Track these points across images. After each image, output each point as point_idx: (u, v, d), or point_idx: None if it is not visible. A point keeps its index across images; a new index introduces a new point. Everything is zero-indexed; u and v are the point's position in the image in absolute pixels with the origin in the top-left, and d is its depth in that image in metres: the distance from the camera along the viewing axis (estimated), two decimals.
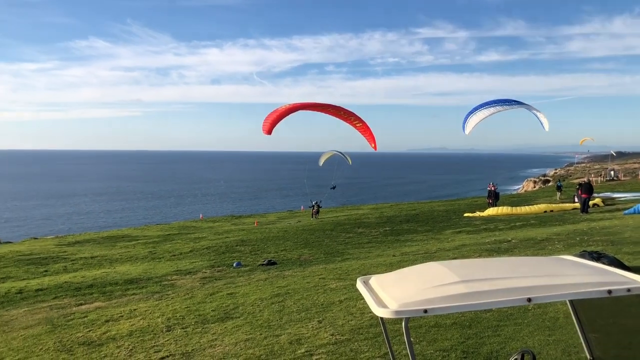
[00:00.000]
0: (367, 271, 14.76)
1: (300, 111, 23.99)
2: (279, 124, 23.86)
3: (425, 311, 3.48)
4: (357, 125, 25.07)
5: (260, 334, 9.26)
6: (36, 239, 38.98)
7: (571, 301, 4.76)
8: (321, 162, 39.19)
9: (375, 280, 4.30)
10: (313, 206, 42.48)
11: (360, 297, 11.15)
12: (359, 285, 4.34)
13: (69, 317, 12.38)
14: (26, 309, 13.96)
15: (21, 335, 11.04)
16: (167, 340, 9.50)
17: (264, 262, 19.69)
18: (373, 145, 25.17)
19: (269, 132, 23.59)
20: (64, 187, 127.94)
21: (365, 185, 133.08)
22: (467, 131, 27.92)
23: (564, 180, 68.10)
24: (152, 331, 10.22)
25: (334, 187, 41.79)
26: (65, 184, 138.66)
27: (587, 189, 31.05)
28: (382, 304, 3.68)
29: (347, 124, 25.04)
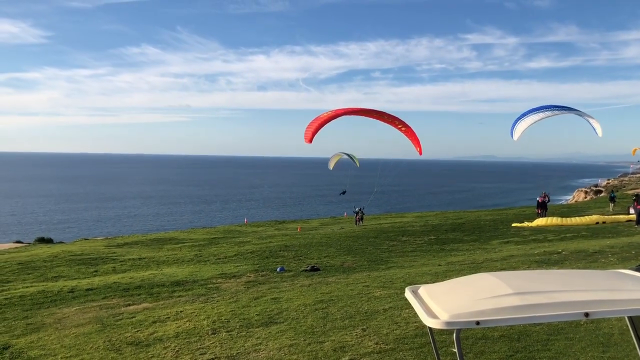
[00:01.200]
0: (412, 280, 14.59)
1: (344, 117, 23.99)
2: (322, 129, 23.93)
3: (478, 323, 3.40)
4: (402, 129, 24.84)
5: (304, 340, 9.27)
6: (87, 239, 40.33)
7: (630, 317, 4.57)
8: (331, 165, 39.03)
9: (424, 289, 4.23)
10: (357, 213, 42.36)
11: (405, 306, 11.02)
12: (408, 294, 4.28)
13: (118, 317, 12.71)
14: (77, 307, 14.41)
15: (73, 333, 11.40)
16: (213, 342, 9.62)
17: (307, 268, 19.70)
18: (418, 149, 24.86)
19: (310, 140, 23.68)
20: (114, 190, 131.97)
21: (410, 193, 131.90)
22: (515, 137, 27.32)
23: (617, 191, 65.67)
24: (197, 333, 10.38)
25: (344, 193, 41.12)
26: (115, 187, 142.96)
27: None
28: (432, 314, 3.62)
29: (392, 128, 24.86)
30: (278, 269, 19.87)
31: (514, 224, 34.32)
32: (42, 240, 39.42)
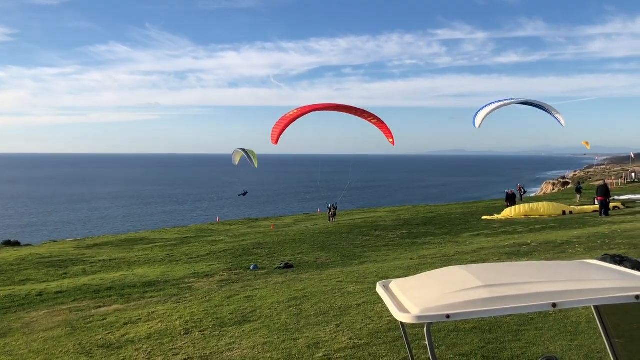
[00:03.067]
0: (385, 274, 14.68)
1: (312, 113, 23.97)
2: (292, 126, 23.85)
3: (448, 316, 3.42)
4: (372, 120, 24.93)
5: (278, 338, 9.24)
6: (55, 241, 39.50)
7: (596, 306, 4.66)
8: (236, 161, 39.17)
9: (395, 284, 4.24)
10: (330, 209, 42.42)
11: (378, 301, 11.08)
12: (379, 289, 4.29)
13: (88, 320, 12.49)
14: (46, 311, 14.11)
15: (41, 337, 11.15)
16: (185, 343, 9.52)
17: (281, 265, 19.68)
18: (391, 140, 24.99)
19: (276, 141, 23.58)
20: (83, 190, 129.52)
21: (382, 188, 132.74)
22: (477, 124, 27.71)
23: (583, 183, 67.19)
24: (170, 334, 10.26)
25: (244, 194, 40.09)
26: (84, 187, 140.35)
27: (603, 192, 30.64)
28: (403, 309, 3.63)
29: (363, 122, 24.93)
30: (251, 267, 19.79)
31: (484, 217, 34.81)
32: (9, 243, 38.41)
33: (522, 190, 39.25)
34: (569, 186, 79.97)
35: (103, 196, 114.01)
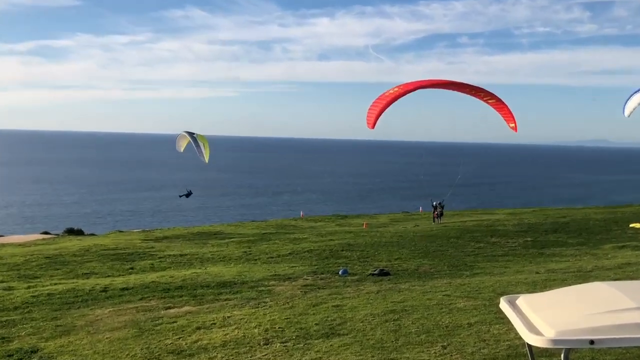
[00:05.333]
0: (504, 290, 14.33)
1: (416, 92, 23.63)
2: (392, 107, 23.65)
3: (592, 342, 3.29)
4: (491, 101, 24.20)
5: (372, 357, 9.29)
6: (122, 232, 41.83)
7: None
8: (181, 147, 36.15)
9: (524, 300, 4.13)
10: (435, 208, 41.91)
11: (495, 321, 10.84)
12: (504, 305, 4.20)
13: (157, 322, 13.17)
14: (111, 309, 15.03)
15: (107, 338, 11.91)
16: (265, 355, 9.81)
17: (375, 272, 19.76)
18: (512, 125, 24.17)
19: (373, 125, 23.44)
20: (152, 176, 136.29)
21: (501, 185, 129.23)
22: (627, 112, 26.44)
23: None
24: (248, 343, 10.60)
25: (187, 195, 37.55)
26: (154, 172, 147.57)
27: None
28: (534, 330, 3.53)
29: (479, 102, 24.25)
30: (340, 272, 20.01)
31: (632, 225, 33.06)
32: (72, 232, 41.11)
33: None
34: None
35: (174, 183, 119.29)
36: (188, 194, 33.73)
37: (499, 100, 24.19)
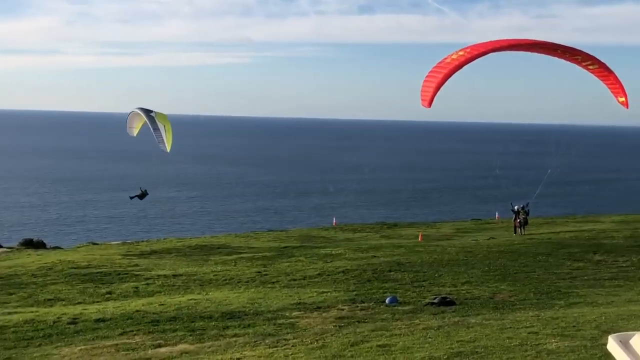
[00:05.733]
0: (613, 326, 14.13)
1: (495, 54, 23.41)
2: (456, 78, 23.45)
3: None
4: (591, 67, 23.87)
5: None
6: (96, 244, 42.30)
7: None
8: (133, 130, 34.77)
9: None
10: (516, 214, 41.57)
11: None
12: (614, 347, 4.14)
13: None
14: (82, 347, 15.14)
15: None
16: None
17: (435, 300, 19.64)
18: (622, 99, 23.79)
19: (430, 103, 23.28)
20: (135, 170, 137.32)
21: (608, 183, 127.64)
22: None
23: None
24: None
25: (140, 196, 36.43)
26: (137, 165, 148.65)
27: None
28: None
29: (576, 68, 23.95)
30: (387, 300, 19.92)
31: None
32: (30, 244, 41.64)
33: None
34: None
35: (165, 180, 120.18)
36: (142, 195, 33.35)
37: (603, 66, 23.83)
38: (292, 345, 14.01)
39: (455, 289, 22.18)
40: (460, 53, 23.49)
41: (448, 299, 19.75)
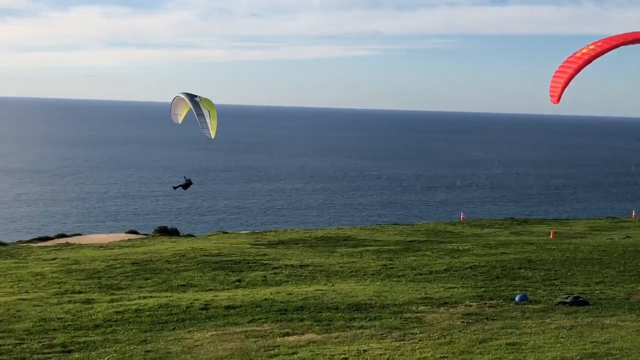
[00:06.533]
0: None
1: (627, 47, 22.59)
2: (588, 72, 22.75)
3: None
4: None
5: None
6: (226, 233, 43.25)
7: None
8: (179, 117, 32.92)
9: None
10: None
11: None
12: None
13: (271, 351, 13.53)
14: (214, 332, 15.61)
15: None
16: None
17: (567, 300, 19.17)
18: None
19: (558, 99, 22.65)
20: (265, 163, 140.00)
21: None
22: None
23: None
24: None
25: (184, 186, 34.59)
26: (265, 158, 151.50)
27: None
28: None
29: None
30: (517, 298, 19.61)
31: None
32: (165, 232, 42.93)
33: None
34: None
35: (292, 172, 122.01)
36: (186, 185, 33.45)
37: None
38: (419, 340, 14.01)
39: (588, 288, 21.58)
40: (591, 47, 22.84)
41: (581, 299, 19.25)
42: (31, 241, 39.55)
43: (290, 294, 20.66)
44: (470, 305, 18.53)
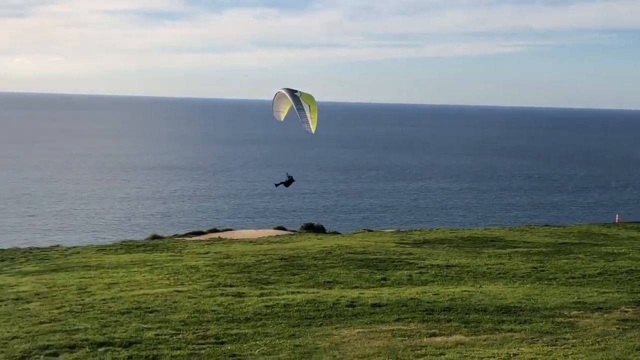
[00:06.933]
0: None
1: None
2: None
3: None
4: None
5: None
6: (371, 231, 43.50)
7: None
8: (281, 114, 30.59)
9: None
10: None
11: None
12: None
13: (418, 351, 13.54)
14: (360, 329, 15.76)
15: None
16: None
17: None
18: None
19: None
20: (411, 160, 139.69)
21: None
22: None
23: None
24: None
25: (286, 183, 32.41)
26: (408, 155, 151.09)
27: None
28: None
29: None
30: None
31: None
32: (311, 228, 43.68)
33: None
34: None
35: (438, 171, 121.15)
36: (288, 182, 33.06)
37: None
38: (572, 345, 13.67)
39: None
40: None
41: None
42: (186, 235, 41.22)
43: (436, 294, 20.56)
44: (627, 311, 17.87)
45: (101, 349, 14.40)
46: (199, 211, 76.83)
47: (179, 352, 14.21)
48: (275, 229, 44.38)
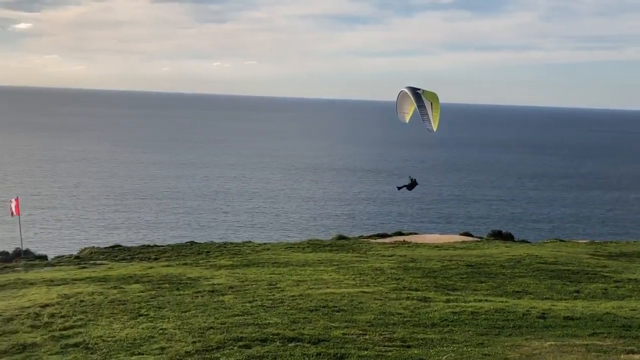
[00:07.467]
0: None
1: None
2: None
3: None
4: None
5: None
6: (563, 241, 42.17)
7: None
8: (406, 115, 27.22)
9: None
10: None
11: None
12: None
13: None
14: (552, 342, 15.25)
15: None
16: None
17: None
18: None
19: None
20: (601, 169, 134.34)
21: None
22: None
23: None
24: None
25: (409, 186, 29.02)
26: (604, 164, 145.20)
27: None
28: None
29: None
30: None
31: None
32: (499, 236, 42.85)
33: None
34: None
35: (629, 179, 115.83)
36: (411, 185, 31.29)
37: None
38: None
39: None
40: None
41: None
42: (370, 237, 41.50)
43: (634, 309, 19.64)
44: None
45: (291, 344, 14.74)
46: (383, 214, 77.45)
47: (366, 352, 14.30)
48: (461, 234, 43.88)
